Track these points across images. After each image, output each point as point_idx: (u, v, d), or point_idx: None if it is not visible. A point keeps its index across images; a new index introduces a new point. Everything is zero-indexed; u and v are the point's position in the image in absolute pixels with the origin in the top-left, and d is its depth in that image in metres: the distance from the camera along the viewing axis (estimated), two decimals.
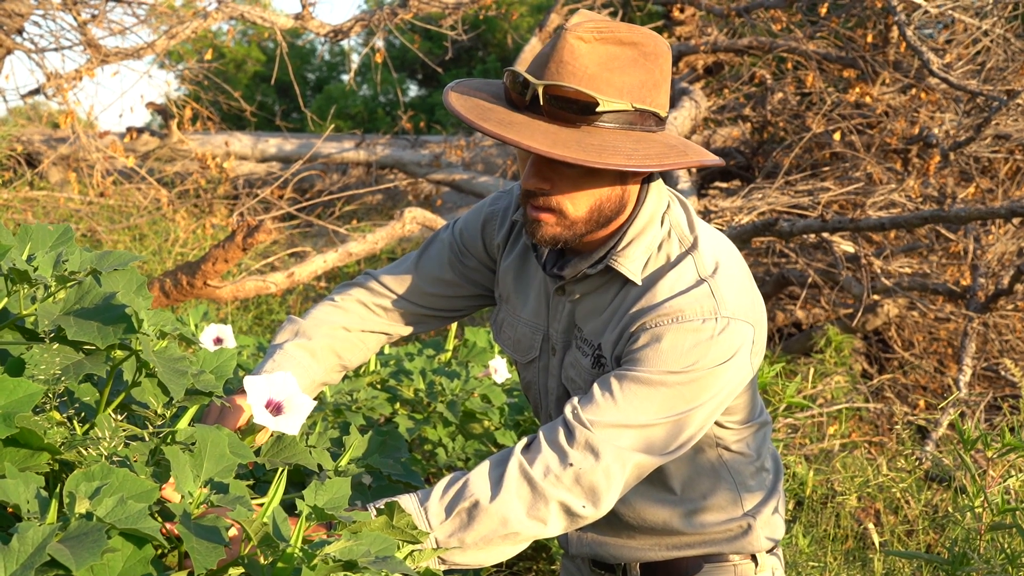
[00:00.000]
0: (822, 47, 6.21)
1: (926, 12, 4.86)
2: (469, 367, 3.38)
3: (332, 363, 2.00)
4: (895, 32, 5.52)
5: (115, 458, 1.37)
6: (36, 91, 5.71)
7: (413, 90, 16.76)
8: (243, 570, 1.28)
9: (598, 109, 1.58)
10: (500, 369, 3.24)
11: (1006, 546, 2.53)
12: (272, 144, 7.90)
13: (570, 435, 1.62)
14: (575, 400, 1.66)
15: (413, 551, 1.52)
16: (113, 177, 6.23)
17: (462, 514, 1.59)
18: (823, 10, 5.96)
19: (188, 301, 3.82)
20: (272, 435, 1.72)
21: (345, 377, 3.22)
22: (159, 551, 1.40)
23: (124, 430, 1.43)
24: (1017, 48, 5.18)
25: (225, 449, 1.38)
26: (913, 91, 5.75)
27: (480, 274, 2.02)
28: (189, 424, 1.48)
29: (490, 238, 1.98)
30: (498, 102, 1.67)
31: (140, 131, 7.20)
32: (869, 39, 5.85)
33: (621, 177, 1.68)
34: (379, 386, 3.22)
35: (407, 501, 1.60)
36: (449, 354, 3.52)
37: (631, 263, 1.72)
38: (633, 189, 1.73)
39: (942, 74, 4.62)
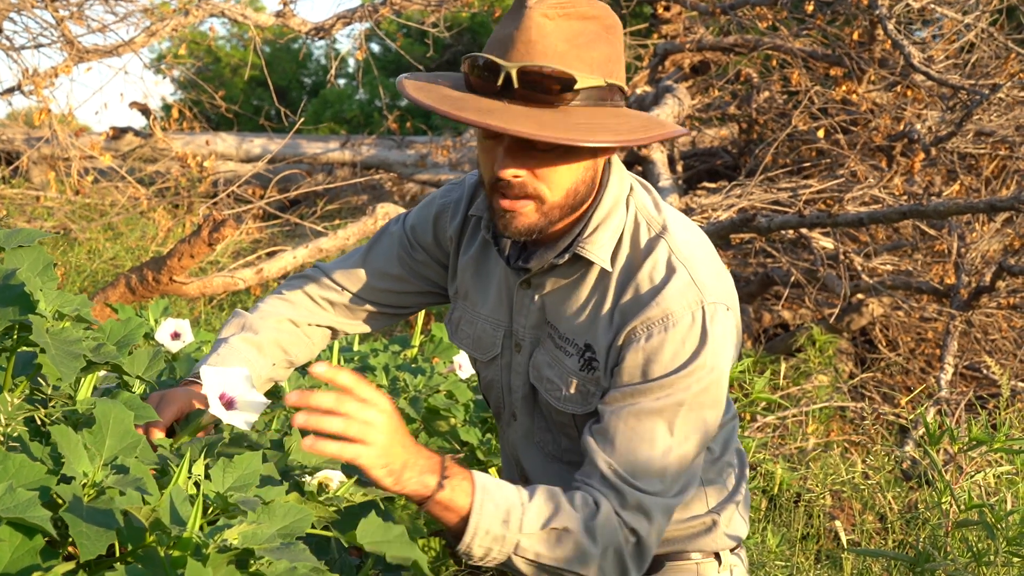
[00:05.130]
0: (808, 45, 6.16)
1: (908, 6, 4.80)
2: (434, 363, 3.32)
3: (279, 358, 1.94)
4: (881, 30, 5.47)
5: (11, 443, 1.31)
6: (13, 89, 5.67)
7: None
8: (131, 560, 1.22)
9: (576, 87, 1.52)
10: (465, 365, 3.17)
11: (975, 543, 2.47)
12: (257, 144, 7.85)
13: (623, 501, 1.59)
14: (606, 461, 1.60)
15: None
16: (92, 176, 6.20)
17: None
18: (809, 7, 5.91)
19: (155, 297, 3.76)
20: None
21: (306, 373, 3.16)
22: (68, 542, 1.34)
23: (27, 411, 1.37)
24: (1001, 43, 5.12)
25: (130, 425, 1.32)
26: (899, 88, 5.70)
27: (430, 269, 1.96)
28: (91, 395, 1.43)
29: (442, 231, 1.92)
30: (464, 91, 1.59)
31: (123, 130, 7.15)
32: (855, 36, 5.80)
33: (594, 158, 1.63)
34: None
35: (511, 491, 1.57)
36: (415, 350, 3.46)
37: (599, 249, 1.66)
38: (600, 169, 1.67)
39: (923, 68, 4.57)
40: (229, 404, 1.54)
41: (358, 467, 1.45)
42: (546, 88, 1.52)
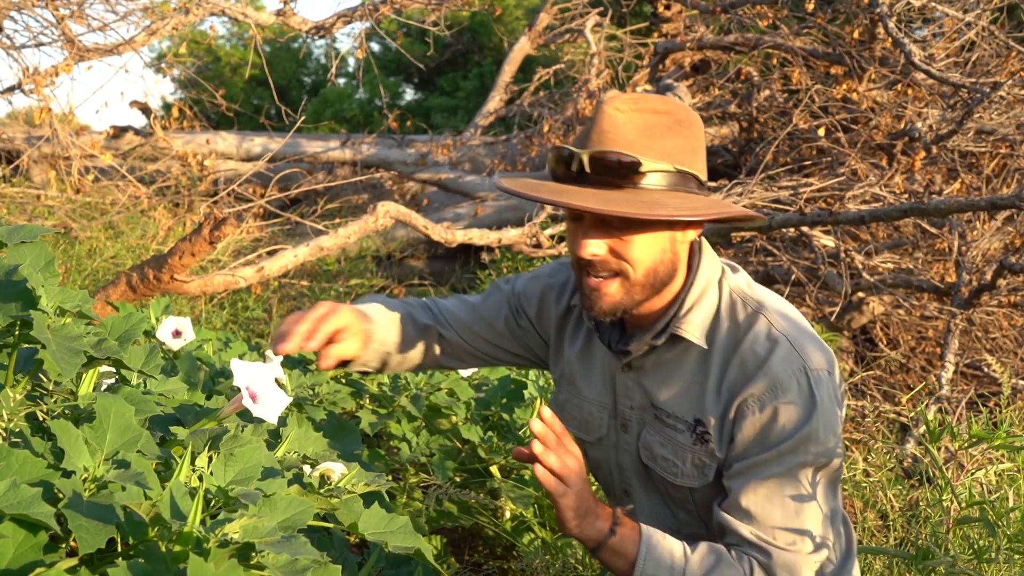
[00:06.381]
0: (808, 43, 6.16)
1: (908, 4, 4.79)
2: None
3: (394, 342, 2.05)
4: (881, 28, 5.47)
5: (13, 439, 1.31)
6: (13, 88, 5.67)
7: (409, 94, 16.74)
8: (133, 555, 1.22)
9: (642, 169, 1.67)
10: None
11: (976, 541, 2.47)
12: (257, 143, 7.84)
13: (773, 563, 1.70)
14: (748, 530, 1.71)
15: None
16: (92, 175, 6.20)
17: None
18: (809, 6, 5.91)
19: (155, 296, 3.75)
20: None
21: (307, 371, 3.17)
22: (71, 537, 1.34)
23: (29, 407, 1.37)
24: (1002, 41, 5.12)
25: (131, 419, 1.32)
26: (899, 86, 5.69)
27: (531, 339, 2.09)
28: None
29: (547, 310, 2.05)
30: (546, 179, 1.76)
31: (123, 129, 7.15)
32: (856, 35, 5.80)
33: (671, 239, 1.75)
34: (343, 380, 3.16)
35: (675, 542, 1.72)
36: None
37: (694, 328, 1.78)
38: (683, 253, 1.79)
39: (924, 66, 4.57)
40: (254, 398, 1.57)
41: (554, 502, 1.67)
42: (614, 171, 1.67)
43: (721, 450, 1.77)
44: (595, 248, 1.72)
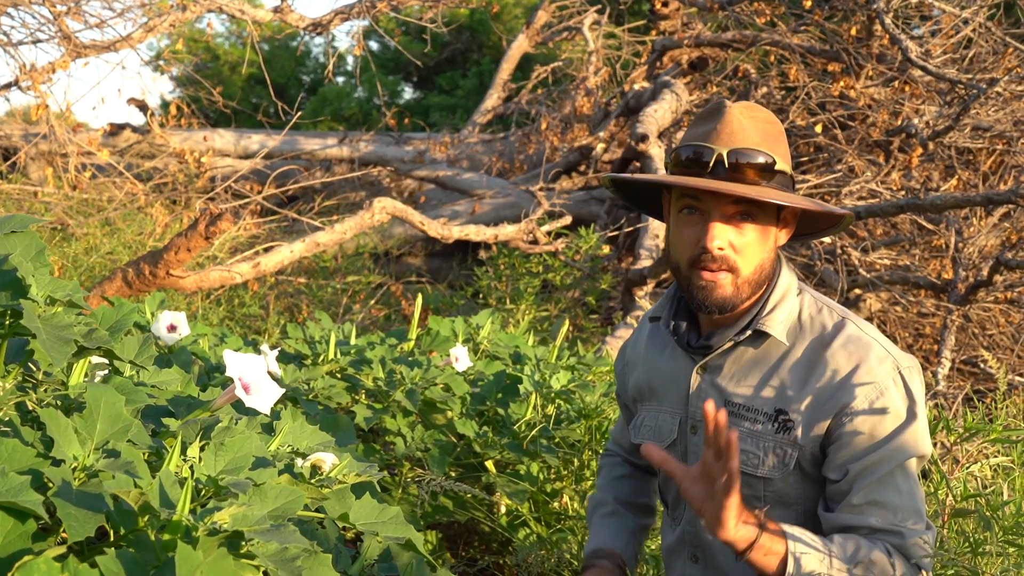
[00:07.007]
0: (806, 41, 6.16)
1: (906, 1, 4.79)
2: (431, 357, 3.32)
3: (631, 520, 2.21)
4: (879, 25, 5.47)
5: (3, 428, 1.31)
6: (10, 84, 5.67)
7: (408, 92, 16.73)
8: (123, 544, 1.21)
9: (775, 168, 1.81)
10: (462, 358, 3.17)
11: (971, 534, 2.46)
12: (255, 140, 7.84)
13: (904, 543, 1.80)
14: (873, 519, 1.80)
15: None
16: (89, 171, 6.20)
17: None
18: (807, 3, 5.91)
19: (151, 291, 3.75)
20: None
21: (302, 366, 3.17)
22: (62, 527, 1.34)
23: (19, 396, 1.37)
24: (999, 38, 5.12)
25: (121, 409, 1.32)
26: (896, 83, 5.70)
27: (627, 397, 2.21)
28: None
29: (633, 354, 2.19)
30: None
31: (121, 127, 7.15)
32: (853, 32, 5.80)
33: (774, 238, 1.88)
34: (338, 375, 3.15)
35: (815, 536, 1.78)
36: (412, 343, 3.45)
37: (777, 324, 1.88)
38: (775, 254, 1.91)
39: (920, 62, 4.57)
40: (245, 389, 1.58)
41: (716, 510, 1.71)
42: (749, 168, 1.79)
43: (804, 439, 1.85)
44: (721, 240, 1.81)
